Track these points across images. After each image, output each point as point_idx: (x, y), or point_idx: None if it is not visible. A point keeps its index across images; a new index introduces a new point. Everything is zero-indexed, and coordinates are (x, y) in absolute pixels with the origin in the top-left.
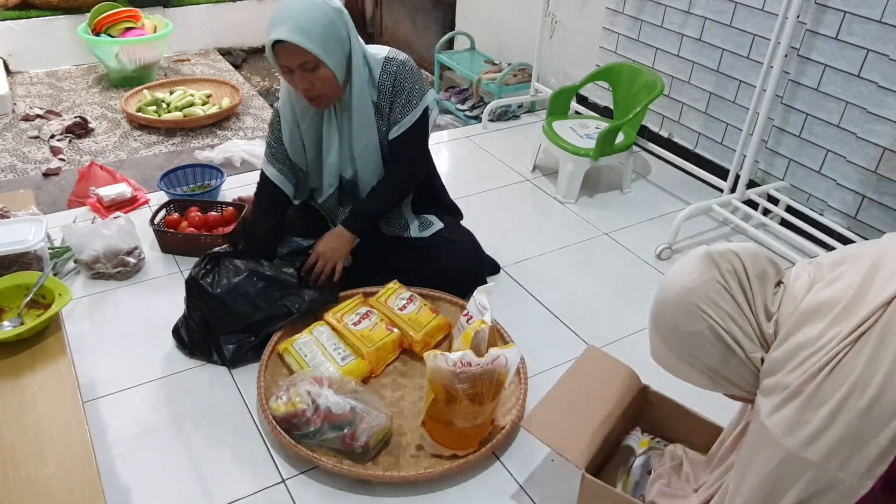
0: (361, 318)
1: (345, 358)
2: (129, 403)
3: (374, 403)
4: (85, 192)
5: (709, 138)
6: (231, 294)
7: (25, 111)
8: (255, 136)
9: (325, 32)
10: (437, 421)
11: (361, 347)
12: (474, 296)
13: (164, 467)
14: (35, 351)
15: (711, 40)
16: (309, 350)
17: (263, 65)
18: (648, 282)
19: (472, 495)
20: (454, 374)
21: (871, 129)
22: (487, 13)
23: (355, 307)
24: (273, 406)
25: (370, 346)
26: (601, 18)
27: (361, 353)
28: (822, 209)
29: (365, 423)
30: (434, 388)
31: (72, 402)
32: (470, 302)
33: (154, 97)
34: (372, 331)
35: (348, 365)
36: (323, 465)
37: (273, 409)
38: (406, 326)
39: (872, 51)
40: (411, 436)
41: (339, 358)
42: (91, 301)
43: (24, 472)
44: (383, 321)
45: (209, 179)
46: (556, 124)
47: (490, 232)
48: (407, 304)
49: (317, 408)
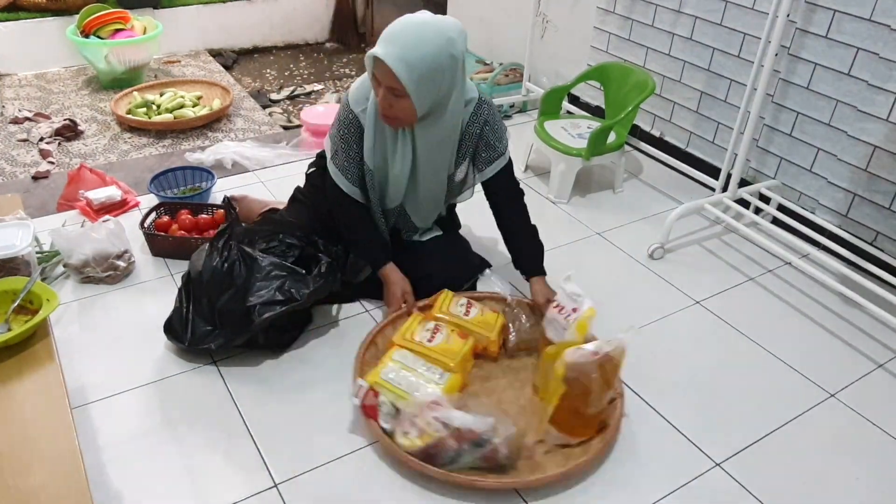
0: (433, 333)
1: (442, 376)
2: (120, 408)
3: (494, 412)
4: (74, 196)
5: (700, 137)
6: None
7: (14, 114)
8: (245, 137)
9: (427, 74)
10: (567, 412)
11: (447, 361)
12: (561, 286)
13: (156, 472)
14: (22, 357)
15: (702, 39)
16: (401, 378)
17: (254, 66)
18: (641, 281)
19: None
20: (593, 364)
21: (861, 128)
22: (478, 13)
23: (420, 324)
24: (407, 444)
25: (455, 359)
26: (592, 18)
27: (450, 368)
28: (813, 207)
29: (500, 434)
30: (568, 383)
31: (60, 409)
32: (559, 293)
33: (144, 99)
34: (448, 343)
35: (448, 382)
36: (509, 485)
37: (408, 446)
38: (479, 329)
39: (862, 49)
40: (531, 435)
41: (436, 377)
42: (81, 305)
43: (12, 480)
44: (454, 331)
45: (200, 182)
46: (547, 124)
47: (481, 233)
48: (468, 308)
49: (454, 431)
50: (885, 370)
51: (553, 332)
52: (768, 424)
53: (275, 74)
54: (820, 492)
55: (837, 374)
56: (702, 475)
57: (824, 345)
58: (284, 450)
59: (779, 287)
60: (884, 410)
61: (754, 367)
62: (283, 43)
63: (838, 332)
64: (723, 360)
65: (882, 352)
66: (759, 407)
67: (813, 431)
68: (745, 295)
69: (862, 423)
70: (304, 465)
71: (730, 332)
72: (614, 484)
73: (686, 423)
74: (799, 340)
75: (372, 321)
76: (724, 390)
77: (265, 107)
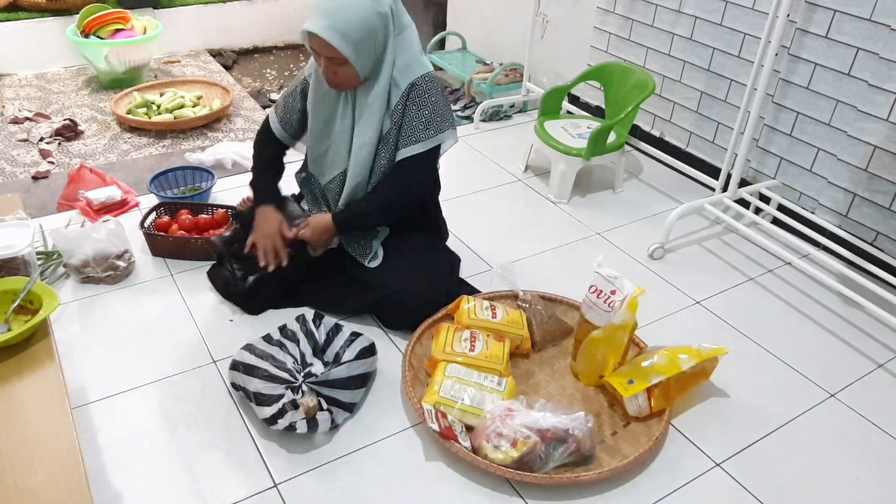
0: (471, 342)
1: (500, 382)
2: (120, 408)
3: (563, 407)
4: (74, 196)
5: (700, 137)
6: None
7: (14, 114)
8: (245, 137)
9: (361, 37)
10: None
11: (496, 367)
12: (597, 272)
13: (156, 472)
14: (22, 357)
15: (702, 39)
16: (463, 393)
17: (254, 66)
18: (641, 281)
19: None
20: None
21: (861, 128)
22: (479, 13)
23: (456, 335)
24: (501, 457)
25: (502, 363)
26: (592, 18)
27: (501, 372)
28: (813, 207)
29: (577, 428)
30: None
31: (60, 409)
32: (594, 278)
33: (144, 99)
34: (489, 349)
35: (506, 388)
36: (606, 474)
37: (502, 459)
38: (512, 329)
39: (862, 49)
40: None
41: (495, 385)
42: (81, 305)
43: (12, 480)
44: (489, 336)
45: (200, 182)
46: (547, 124)
47: (482, 232)
48: (493, 310)
49: (544, 433)
50: (885, 370)
51: (595, 316)
52: (768, 424)
53: (275, 74)
54: (820, 492)
55: (837, 374)
56: (702, 475)
57: (824, 345)
58: (284, 450)
59: (779, 287)
60: (884, 410)
61: (754, 366)
62: (283, 43)
63: (838, 332)
64: (722, 360)
65: (882, 352)
66: (759, 407)
67: (813, 431)
68: (745, 295)
69: (862, 423)
70: (304, 465)
71: (730, 332)
72: (614, 484)
73: (686, 423)
74: (799, 340)
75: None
76: (724, 390)
77: (265, 107)
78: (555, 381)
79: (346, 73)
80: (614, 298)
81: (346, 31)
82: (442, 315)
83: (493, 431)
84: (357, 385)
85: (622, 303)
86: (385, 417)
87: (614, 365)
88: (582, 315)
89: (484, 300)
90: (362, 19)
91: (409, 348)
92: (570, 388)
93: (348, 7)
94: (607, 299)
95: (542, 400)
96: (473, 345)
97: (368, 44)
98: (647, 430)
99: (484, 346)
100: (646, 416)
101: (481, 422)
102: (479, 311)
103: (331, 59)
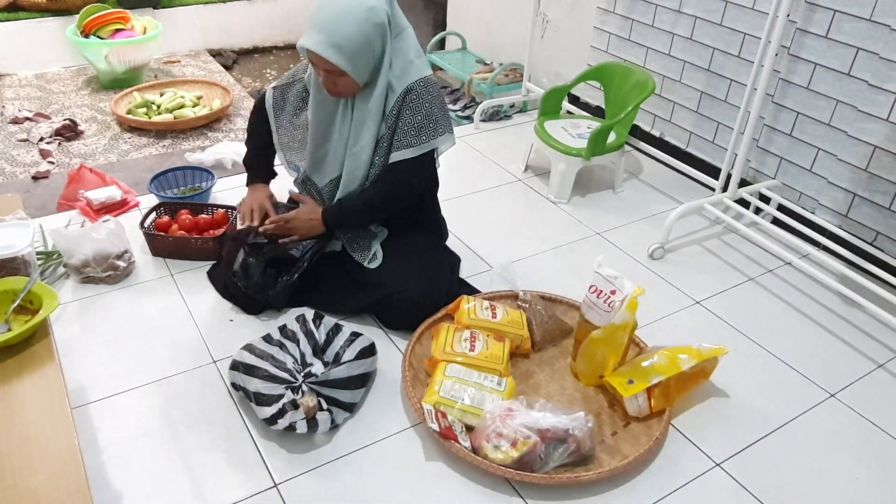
0: (471, 342)
1: (500, 382)
2: (121, 408)
3: (563, 407)
4: (74, 196)
5: (700, 137)
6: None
7: (14, 114)
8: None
9: (358, 49)
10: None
11: (496, 367)
12: (597, 272)
13: (156, 472)
14: (22, 357)
15: (702, 39)
16: (463, 393)
17: (254, 66)
18: (641, 281)
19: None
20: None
21: (861, 128)
22: (479, 13)
23: (456, 335)
24: (501, 457)
25: (502, 363)
26: (592, 18)
27: (499, 373)
28: (813, 207)
29: (577, 428)
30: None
31: (60, 409)
32: (594, 278)
33: (144, 99)
34: (489, 349)
35: (506, 388)
36: (606, 474)
37: (502, 459)
38: (512, 329)
39: (862, 49)
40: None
41: (495, 385)
42: (81, 305)
43: (12, 480)
44: (489, 336)
45: (200, 182)
46: (547, 124)
47: (482, 232)
48: (493, 310)
49: (544, 433)
50: (885, 370)
51: (595, 316)
52: (768, 424)
53: (275, 74)
54: (820, 492)
55: (837, 374)
56: (702, 475)
57: (824, 345)
58: (284, 450)
59: (779, 287)
60: (884, 410)
61: (754, 366)
62: (283, 43)
63: (838, 332)
64: (722, 360)
65: (882, 352)
66: (759, 407)
67: (813, 431)
68: (745, 295)
69: (862, 423)
70: (304, 465)
71: (730, 332)
72: (614, 484)
73: (686, 423)
74: (799, 340)
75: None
76: (724, 390)
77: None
78: (555, 381)
79: (346, 83)
80: (614, 298)
81: (342, 44)
82: (442, 315)
83: (493, 431)
84: (357, 385)
85: (622, 303)
86: (385, 417)
87: (614, 365)
88: (582, 315)
89: (484, 300)
90: (359, 32)
91: (409, 348)
92: (570, 388)
93: (344, 20)
94: (607, 299)
95: (542, 400)
96: (473, 345)
97: (366, 54)
98: (647, 430)
99: (484, 346)
100: (646, 416)
101: (481, 422)
102: (479, 311)
103: (329, 71)
